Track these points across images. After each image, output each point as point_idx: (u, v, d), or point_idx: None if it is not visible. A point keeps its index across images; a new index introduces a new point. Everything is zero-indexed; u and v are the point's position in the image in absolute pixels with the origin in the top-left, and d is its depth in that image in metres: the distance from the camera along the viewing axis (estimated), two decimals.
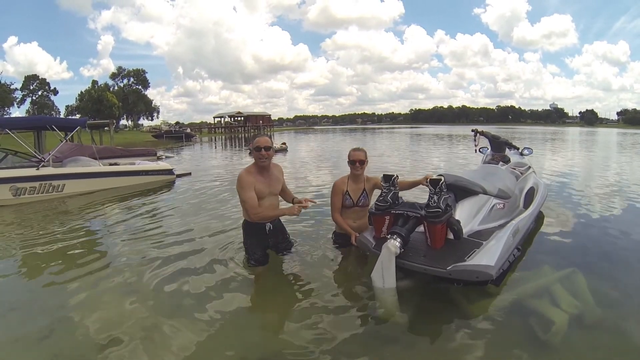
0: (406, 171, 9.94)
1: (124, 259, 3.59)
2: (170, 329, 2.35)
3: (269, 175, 3.00)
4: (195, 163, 14.77)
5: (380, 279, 2.56)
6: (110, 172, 8.00)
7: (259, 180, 2.92)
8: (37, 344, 2.27)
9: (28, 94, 53.32)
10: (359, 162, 3.22)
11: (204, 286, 2.94)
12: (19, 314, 2.66)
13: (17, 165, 7.09)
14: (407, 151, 18.50)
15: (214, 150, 24.61)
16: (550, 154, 15.59)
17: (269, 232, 3.08)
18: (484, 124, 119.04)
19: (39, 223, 5.18)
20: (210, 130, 60.12)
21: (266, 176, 2.98)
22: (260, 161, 2.92)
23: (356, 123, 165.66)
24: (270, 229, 3.08)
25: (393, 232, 2.61)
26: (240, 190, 2.87)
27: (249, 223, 3.04)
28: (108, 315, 2.54)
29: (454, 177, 3.04)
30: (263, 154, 2.89)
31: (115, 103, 49.73)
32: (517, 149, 5.03)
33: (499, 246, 2.63)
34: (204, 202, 6.32)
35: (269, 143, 2.92)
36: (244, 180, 2.86)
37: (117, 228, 4.85)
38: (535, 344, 2.19)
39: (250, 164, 3.02)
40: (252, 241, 3.11)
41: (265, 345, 2.23)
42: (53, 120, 11.89)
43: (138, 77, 59.61)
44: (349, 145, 23.89)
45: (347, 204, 3.27)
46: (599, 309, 2.53)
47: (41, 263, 3.58)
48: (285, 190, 3.25)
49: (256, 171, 2.96)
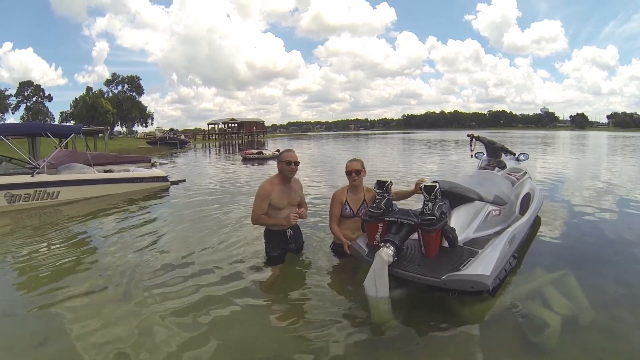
0: (399, 177, 9.96)
1: (119, 265, 3.58)
2: (165, 334, 2.34)
3: (289, 187, 3.25)
4: (189, 170, 14.73)
5: (373, 288, 2.50)
6: (105, 179, 7.97)
7: (280, 190, 3.18)
8: (31, 351, 2.25)
9: (22, 100, 53.22)
10: (354, 172, 3.23)
11: (198, 291, 2.93)
12: (13, 320, 2.64)
13: (11, 172, 7.01)
14: (399, 157, 18.58)
15: (208, 156, 24.54)
16: (541, 157, 15.75)
17: (290, 237, 3.33)
18: (476, 128, 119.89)
19: (33, 230, 5.14)
20: (204, 136, 60.08)
21: (287, 188, 3.23)
22: (288, 174, 3.18)
23: (349, 129, 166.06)
24: (291, 235, 3.33)
25: (386, 240, 2.55)
26: (256, 196, 3.16)
27: (271, 231, 3.29)
28: (103, 322, 2.52)
29: (449, 184, 3.01)
30: (293, 168, 3.18)
31: (109, 110, 49.57)
32: (513, 154, 5.00)
33: (495, 255, 2.56)
34: (199, 208, 6.30)
35: (297, 159, 3.22)
36: (263, 189, 3.15)
37: (112, 235, 4.82)
38: (528, 347, 2.21)
39: (274, 175, 3.26)
40: (274, 245, 3.32)
41: (256, 352, 2.22)
42: (47, 126, 11.77)
43: (132, 83, 59.54)
44: (342, 151, 24.16)
45: (347, 214, 3.26)
46: (591, 311, 2.55)
47: (36, 270, 3.56)
48: (302, 206, 3.41)
49: (279, 182, 3.22)
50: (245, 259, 3.60)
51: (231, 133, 60.93)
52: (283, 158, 3.19)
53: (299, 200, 3.38)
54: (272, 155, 17.77)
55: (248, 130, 61.23)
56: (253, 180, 9.78)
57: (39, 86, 55.43)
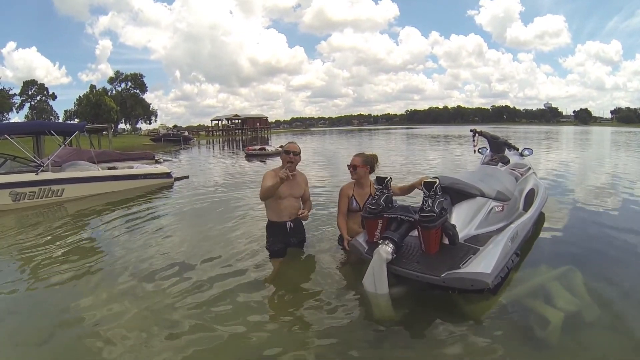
0: (401, 172, 9.92)
1: (123, 263, 3.60)
2: (171, 331, 2.36)
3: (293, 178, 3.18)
4: (193, 166, 14.78)
5: (372, 285, 2.49)
6: (109, 176, 8.01)
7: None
8: (36, 348, 2.28)
9: (27, 99, 53.43)
10: (352, 167, 3.25)
11: (202, 287, 2.95)
12: (18, 317, 2.66)
13: (16, 170, 7.08)
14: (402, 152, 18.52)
15: (211, 153, 24.60)
16: (545, 152, 15.63)
17: (290, 230, 3.31)
18: (479, 123, 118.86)
19: (38, 228, 5.18)
20: (208, 133, 60.23)
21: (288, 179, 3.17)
22: (287, 164, 3.19)
23: (352, 124, 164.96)
24: (291, 227, 3.32)
25: (385, 237, 2.53)
26: (262, 180, 3.19)
27: (272, 222, 3.33)
28: (108, 319, 2.54)
29: (450, 180, 2.98)
30: (291, 158, 3.20)
31: (113, 107, 49.69)
32: (517, 149, 4.94)
33: (496, 252, 2.51)
34: (202, 204, 6.34)
35: (297, 150, 3.26)
36: (266, 175, 3.21)
37: (117, 232, 4.86)
38: (531, 343, 2.20)
39: (280, 166, 3.28)
40: (275, 239, 3.33)
41: (255, 349, 2.22)
42: (52, 125, 11.90)
43: (136, 81, 59.53)
44: (345, 147, 24.06)
45: (354, 208, 3.26)
46: (595, 307, 2.52)
47: (41, 267, 3.59)
48: (307, 202, 3.44)
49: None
50: (247, 254, 3.62)
51: (235, 129, 60.92)
52: (284, 148, 3.30)
53: (303, 195, 3.39)
54: (275, 151, 17.73)
55: (252, 126, 61.21)
56: (255, 177, 9.79)
57: (43, 85, 55.67)
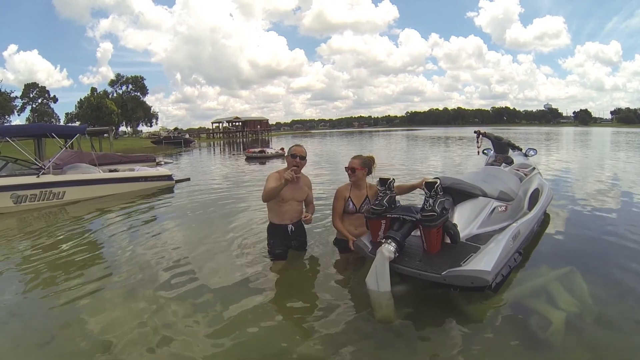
0: (403, 174, 9.93)
1: (125, 265, 3.60)
2: (172, 334, 2.35)
3: (296, 182, 3.19)
4: (194, 168, 14.80)
5: (374, 284, 2.52)
6: (110, 179, 8.02)
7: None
8: (38, 350, 2.27)
9: (28, 102, 53.49)
10: (350, 170, 3.26)
11: (203, 290, 2.95)
12: (20, 319, 2.66)
13: (17, 173, 7.09)
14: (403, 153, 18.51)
15: (212, 155, 24.62)
16: (546, 153, 15.64)
17: (291, 233, 3.31)
18: (479, 125, 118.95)
19: (39, 230, 5.19)
20: (209, 135, 60.38)
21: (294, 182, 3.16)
22: (291, 166, 3.14)
23: (353, 126, 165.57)
24: (292, 230, 3.30)
25: (388, 236, 2.56)
26: (266, 181, 3.18)
27: (273, 225, 3.32)
28: (110, 321, 2.54)
29: (452, 180, 2.99)
30: (297, 162, 3.17)
31: (114, 110, 49.85)
32: (521, 150, 4.95)
33: (497, 250, 2.53)
34: (204, 207, 6.33)
35: (304, 153, 3.23)
36: (270, 176, 3.20)
37: (118, 234, 4.86)
38: (533, 344, 2.19)
39: (284, 168, 3.24)
40: (275, 241, 3.33)
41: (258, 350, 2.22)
42: (53, 127, 11.90)
43: (136, 84, 59.72)
44: (345, 149, 24.10)
45: (350, 209, 3.27)
46: (596, 308, 2.52)
47: (42, 270, 3.59)
48: (310, 205, 3.42)
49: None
50: (248, 257, 3.62)
51: (235, 132, 61.14)
52: (290, 151, 3.25)
53: (306, 199, 3.38)
54: (275, 153, 17.77)
55: (252, 128, 61.40)
56: (255, 179, 9.80)
57: (44, 88, 55.69)
